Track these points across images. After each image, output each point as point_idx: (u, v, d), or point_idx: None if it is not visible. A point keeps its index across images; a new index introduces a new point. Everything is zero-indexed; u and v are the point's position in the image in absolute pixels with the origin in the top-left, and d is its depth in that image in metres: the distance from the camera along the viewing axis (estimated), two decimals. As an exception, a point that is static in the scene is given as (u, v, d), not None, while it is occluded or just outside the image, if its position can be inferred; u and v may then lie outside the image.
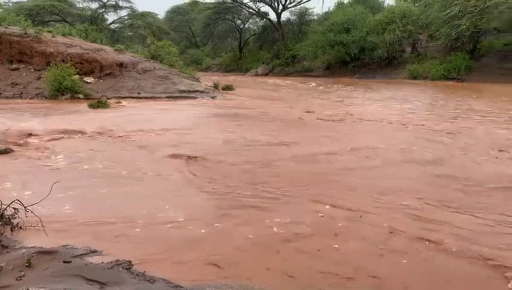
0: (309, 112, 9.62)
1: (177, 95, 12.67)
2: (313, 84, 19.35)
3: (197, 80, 14.66)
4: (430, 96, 13.47)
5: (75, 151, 5.44)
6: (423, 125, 7.79)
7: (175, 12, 43.42)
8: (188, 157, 5.20)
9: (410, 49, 23.54)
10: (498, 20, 17.28)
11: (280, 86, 18.99)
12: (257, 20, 37.20)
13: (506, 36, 19.91)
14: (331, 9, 31.21)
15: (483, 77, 17.41)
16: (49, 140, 6.07)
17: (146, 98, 12.17)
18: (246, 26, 38.02)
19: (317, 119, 8.55)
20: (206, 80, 15.93)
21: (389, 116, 8.85)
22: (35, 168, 4.73)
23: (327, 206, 3.57)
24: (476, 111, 9.72)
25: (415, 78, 19.83)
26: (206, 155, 5.28)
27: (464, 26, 17.51)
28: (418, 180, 4.38)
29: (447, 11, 18.18)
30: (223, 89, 14.65)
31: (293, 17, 33.44)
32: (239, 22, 37.31)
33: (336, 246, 2.86)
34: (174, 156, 5.26)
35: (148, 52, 15.47)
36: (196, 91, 13.11)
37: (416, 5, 25.97)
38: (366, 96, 13.74)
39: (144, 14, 31.84)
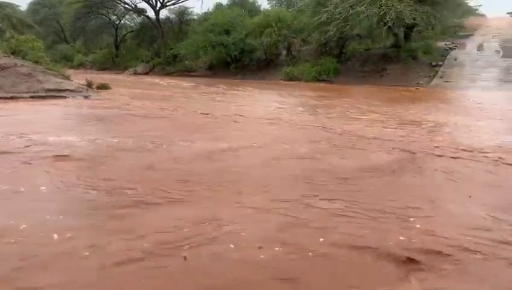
0: (193, 111, 9.50)
1: (44, 94, 11.42)
2: (202, 86, 19.23)
3: (68, 78, 13.43)
4: (305, 96, 14.40)
5: None
6: (313, 124, 8.24)
7: (39, 4, 39.44)
8: (57, 159, 4.68)
9: (286, 52, 24.87)
10: (359, 27, 19.22)
11: (162, 86, 18.50)
12: (134, 16, 35.73)
13: (366, 42, 22.34)
14: (210, 10, 31.49)
15: (348, 79, 19.28)
16: None
17: (5, 98, 10.72)
18: (122, 22, 36.22)
19: (203, 118, 8.48)
20: (79, 78, 14.70)
21: (275, 115, 9.18)
22: None
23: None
24: (338, 107, 10.70)
25: (290, 79, 21.02)
26: (81, 157, 4.82)
27: (332, 32, 19.08)
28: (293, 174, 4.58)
29: (317, 18, 19.63)
30: (98, 87, 13.69)
31: (172, 16, 32.88)
32: (114, 17, 35.37)
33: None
34: (43, 158, 4.69)
35: (7, 47, 13.70)
36: (66, 90, 11.97)
37: (290, 10, 27.60)
38: (254, 97, 14.10)
39: (1, 5, 28.17)
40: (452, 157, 5.53)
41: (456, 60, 19.57)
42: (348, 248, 2.86)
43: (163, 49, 29.30)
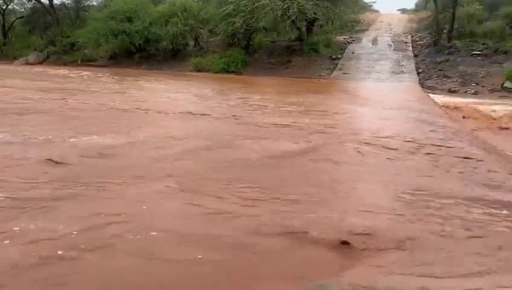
0: (94, 103, 8.89)
1: None
2: (99, 74, 18.10)
3: None
4: (213, 88, 14.32)
5: None
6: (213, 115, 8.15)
7: None
8: None
9: (194, 43, 24.45)
10: (265, 20, 19.56)
11: (57, 76, 17.06)
12: (24, 1, 32.41)
13: (272, 34, 22.87)
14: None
15: (256, 70, 19.59)
16: None
17: None
18: (10, 7, 32.62)
19: (104, 111, 7.97)
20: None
21: (182, 107, 8.94)
22: None
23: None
24: (246, 98, 10.84)
25: (199, 70, 20.74)
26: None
27: (238, 24, 19.17)
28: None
29: (223, 9, 19.56)
30: (-19, 79, 12.22)
31: (68, 1, 30.41)
32: (0, 2, 31.74)
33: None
34: None
35: None
36: None
37: (196, 0, 27.14)
38: (161, 88, 13.62)
39: None
40: (360, 143, 5.91)
41: (353, 53, 20.91)
42: (277, 236, 2.86)
43: (58, 37, 27.02)
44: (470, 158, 5.47)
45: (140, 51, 23.98)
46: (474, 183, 4.40)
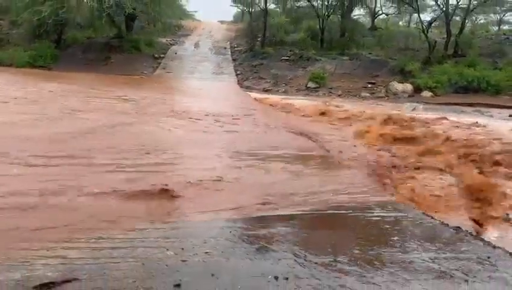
0: None
1: None
2: None
3: None
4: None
5: None
6: None
7: None
8: None
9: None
10: (78, 12, 17.93)
11: None
12: None
13: (88, 32, 21.15)
14: None
15: (70, 66, 17.65)
16: None
17: None
18: None
19: None
20: None
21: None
22: None
23: None
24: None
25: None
26: None
27: (46, 14, 17.09)
28: None
29: (26, -4, 17.21)
30: None
31: None
32: None
33: None
34: None
35: None
36: None
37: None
38: None
39: None
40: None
41: (176, 53, 20.90)
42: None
43: None
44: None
45: None
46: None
